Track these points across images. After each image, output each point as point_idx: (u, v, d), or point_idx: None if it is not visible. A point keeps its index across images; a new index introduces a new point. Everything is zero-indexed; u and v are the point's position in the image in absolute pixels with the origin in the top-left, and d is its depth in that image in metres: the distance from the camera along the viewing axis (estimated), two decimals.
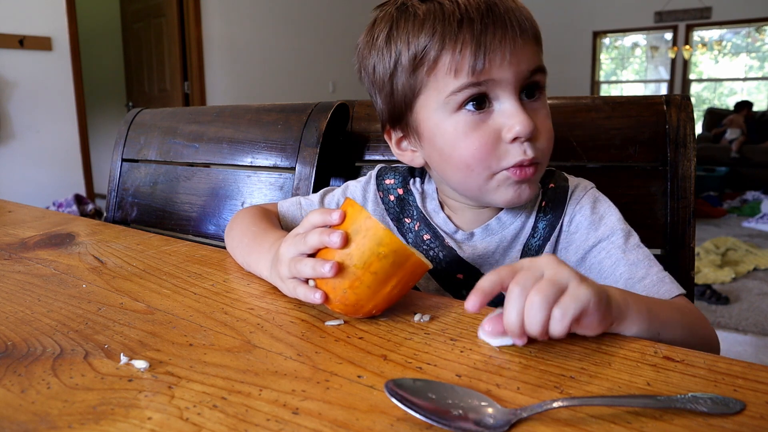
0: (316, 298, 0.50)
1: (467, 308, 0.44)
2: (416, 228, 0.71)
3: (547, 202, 0.68)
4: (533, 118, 0.60)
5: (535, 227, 0.68)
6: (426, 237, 0.70)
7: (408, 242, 0.72)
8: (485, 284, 0.44)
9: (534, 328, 0.42)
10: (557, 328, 0.42)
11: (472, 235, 0.69)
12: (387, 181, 0.76)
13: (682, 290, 0.59)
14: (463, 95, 0.60)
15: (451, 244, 0.68)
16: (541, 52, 0.63)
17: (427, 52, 0.61)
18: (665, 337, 0.50)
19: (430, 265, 0.51)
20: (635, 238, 0.64)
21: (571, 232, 0.67)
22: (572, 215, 0.67)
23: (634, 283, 0.60)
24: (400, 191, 0.74)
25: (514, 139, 0.59)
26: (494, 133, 0.60)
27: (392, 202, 0.74)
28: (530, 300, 0.42)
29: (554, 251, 0.67)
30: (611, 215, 0.65)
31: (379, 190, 0.75)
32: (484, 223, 0.69)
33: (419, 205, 0.72)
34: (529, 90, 0.62)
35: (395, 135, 0.70)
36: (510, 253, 0.68)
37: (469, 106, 0.61)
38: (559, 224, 0.67)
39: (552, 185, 0.69)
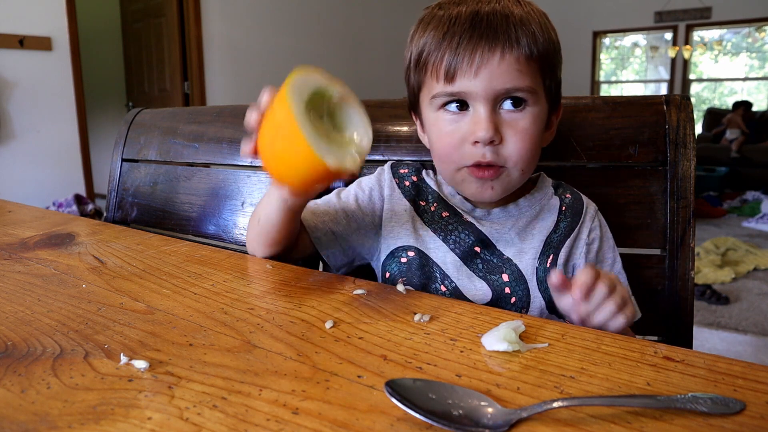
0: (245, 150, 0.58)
1: (552, 281, 0.56)
2: (432, 209, 0.76)
3: (567, 207, 0.76)
4: (506, 128, 0.66)
5: (557, 225, 0.74)
6: (444, 214, 0.75)
7: (424, 222, 0.75)
8: (584, 276, 0.55)
9: (600, 316, 0.56)
10: (614, 323, 0.56)
11: (489, 213, 0.75)
12: (401, 171, 0.81)
13: (638, 314, 0.67)
14: (441, 100, 0.68)
15: (470, 219, 0.74)
16: (536, 72, 0.67)
17: (422, 55, 0.69)
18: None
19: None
20: (620, 263, 0.77)
21: (589, 242, 0.75)
22: (590, 228, 0.75)
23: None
24: (414, 178, 0.80)
25: (476, 142, 0.66)
26: (463, 134, 0.67)
27: (407, 186, 0.79)
28: (608, 301, 0.56)
29: (571, 248, 0.74)
30: (611, 239, 0.77)
31: (394, 177, 0.80)
32: (500, 206, 0.75)
33: (435, 189, 0.78)
34: (515, 100, 0.66)
35: (416, 119, 0.79)
36: (527, 238, 0.73)
37: (451, 107, 0.68)
38: (577, 229, 0.74)
39: (568, 195, 0.77)
